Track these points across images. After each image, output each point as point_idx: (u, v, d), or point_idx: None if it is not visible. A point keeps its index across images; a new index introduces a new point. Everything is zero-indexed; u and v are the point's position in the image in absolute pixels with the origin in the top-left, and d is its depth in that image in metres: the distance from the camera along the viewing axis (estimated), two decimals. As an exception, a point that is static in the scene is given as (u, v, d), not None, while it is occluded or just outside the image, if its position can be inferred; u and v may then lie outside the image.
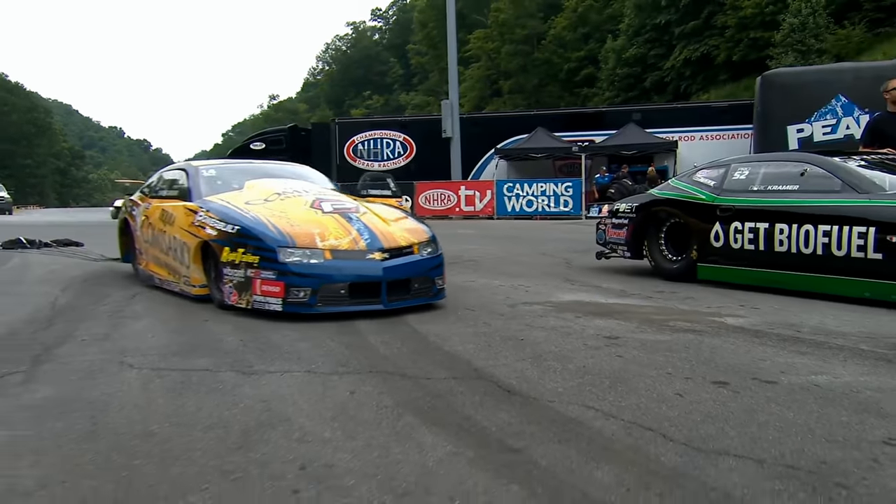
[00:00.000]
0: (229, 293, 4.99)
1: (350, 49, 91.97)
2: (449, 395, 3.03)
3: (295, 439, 2.48)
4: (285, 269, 4.67)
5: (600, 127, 24.03)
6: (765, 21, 31.83)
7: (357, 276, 4.79)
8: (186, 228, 5.64)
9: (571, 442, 2.44)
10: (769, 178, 6.28)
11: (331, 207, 5.46)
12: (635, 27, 41.41)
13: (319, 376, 3.35)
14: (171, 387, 3.18)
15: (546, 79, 50.88)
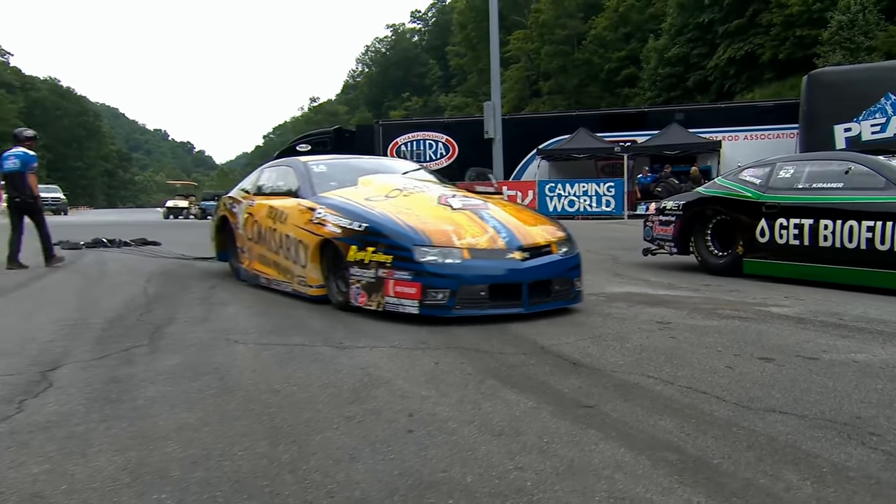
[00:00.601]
0: (357, 294, 4.79)
1: (389, 51, 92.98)
2: (522, 366, 3.46)
3: (398, 396, 2.94)
4: (422, 269, 4.43)
5: (643, 127, 24.13)
6: (812, 18, 31.51)
7: (497, 276, 4.57)
8: (303, 226, 5.46)
9: (636, 401, 2.85)
10: (814, 176, 6.56)
11: (460, 203, 5.26)
12: (678, 26, 41.21)
13: (404, 350, 3.81)
14: (278, 357, 3.68)
15: (586, 79, 50.92)
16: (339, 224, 5.04)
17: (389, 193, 5.52)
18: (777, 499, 1.91)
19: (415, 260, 4.47)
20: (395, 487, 2.01)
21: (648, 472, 2.11)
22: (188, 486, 2.03)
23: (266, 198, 6.51)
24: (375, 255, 4.64)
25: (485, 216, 5.04)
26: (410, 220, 4.79)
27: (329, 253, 5.21)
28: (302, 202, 5.72)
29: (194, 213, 39.39)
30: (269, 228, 6.08)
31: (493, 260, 4.63)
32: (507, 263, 4.63)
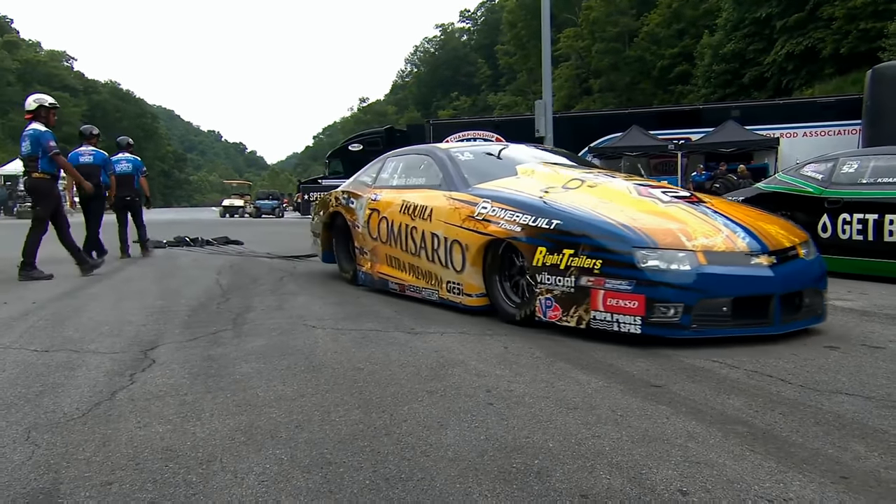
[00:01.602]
0: (547, 306, 4.00)
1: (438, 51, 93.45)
2: (589, 350, 3.61)
3: (474, 374, 3.13)
4: (645, 278, 3.60)
5: (697, 124, 23.82)
6: (877, 11, 30.59)
7: (744, 287, 3.73)
8: (459, 224, 4.73)
9: (703, 382, 2.98)
10: (879, 171, 6.52)
11: (667, 196, 4.44)
12: (734, 22, 40.41)
13: (473, 336, 4.01)
14: (355, 340, 3.91)
15: (638, 76, 50.33)
16: (517, 221, 4.26)
17: (567, 184, 4.77)
18: (845, 466, 2.04)
19: (635, 266, 3.63)
20: (484, 449, 2.20)
21: (720, 441, 2.25)
22: (297, 445, 2.26)
23: (397, 191, 5.78)
24: (576, 260, 3.82)
25: (708, 211, 4.22)
26: (618, 216, 3.97)
27: (493, 256, 4.56)
28: (454, 195, 5.00)
29: (249, 212, 40.44)
30: (406, 226, 5.34)
31: (736, 266, 3.75)
32: (754, 270, 3.76)
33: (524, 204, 4.40)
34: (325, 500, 1.86)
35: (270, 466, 2.08)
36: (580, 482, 1.95)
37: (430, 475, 2.01)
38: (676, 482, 1.94)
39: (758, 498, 1.83)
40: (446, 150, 5.70)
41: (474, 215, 4.65)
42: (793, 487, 1.89)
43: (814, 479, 1.94)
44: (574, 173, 5.05)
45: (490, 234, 4.48)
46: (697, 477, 1.97)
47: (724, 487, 1.90)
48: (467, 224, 4.68)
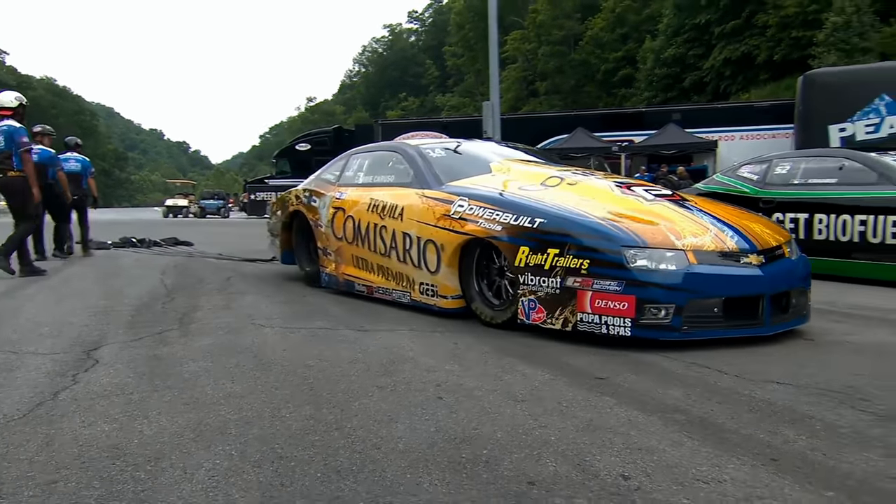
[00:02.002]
0: (530, 308, 3.86)
1: (386, 51, 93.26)
2: (537, 346, 3.69)
3: (424, 370, 3.17)
4: (635, 279, 3.49)
5: (640, 127, 24.39)
6: (807, 20, 31.78)
7: (734, 288, 3.66)
8: (433, 223, 4.55)
9: (645, 374, 3.09)
10: (809, 172, 6.82)
11: (650, 194, 4.37)
12: (674, 27, 41.51)
13: (423, 333, 4.04)
14: (305, 339, 3.90)
15: (583, 79, 51.18)
16: (497, 220, 4.10)
17: (546, 182, 4.60)
18: (776, 449, 2.15)
19: (625, 266, 3.52)
20: (434, 441, 2.24)
21: (660, 429, 2.34)
22: (248, 441, 2.25)
23: (364, 189, 5.53)
24: (562, 259, 3.69)
25: (693, 209, 4.14)
26: (604, 215, 3.85)
27: (471, 256, 4.39)
28: (427, 193, 4.79)
29: (194, 212, 39.63)
30: (374, 226, 5.13)
31: (726, 266, 3.69)
32: (744, 270, 3.69)
33: (504, 202, 4.23)
34: (277, 493, 1.87)
35: (221, 462, 2.08)
36: (527, 470, 2.00)
37: (381, 467, 2.03)
38: (619, 468, 2.01)
39: (695, 480, 1.91)
40: (416, 147, 5.46)
41: (450, 214, 4.46)
42: (727, 470, 1.98)
43: (746, 462, 2.03)
44: (552, 171, 4.92)
45: (468, 234, 4.30)
46: (639, 462, 2.04)
47: (663, 472, 1.98)
48: (442, 223, 4.49)
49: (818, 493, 1.82)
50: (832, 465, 2.02)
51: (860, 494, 1.82)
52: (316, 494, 1.86)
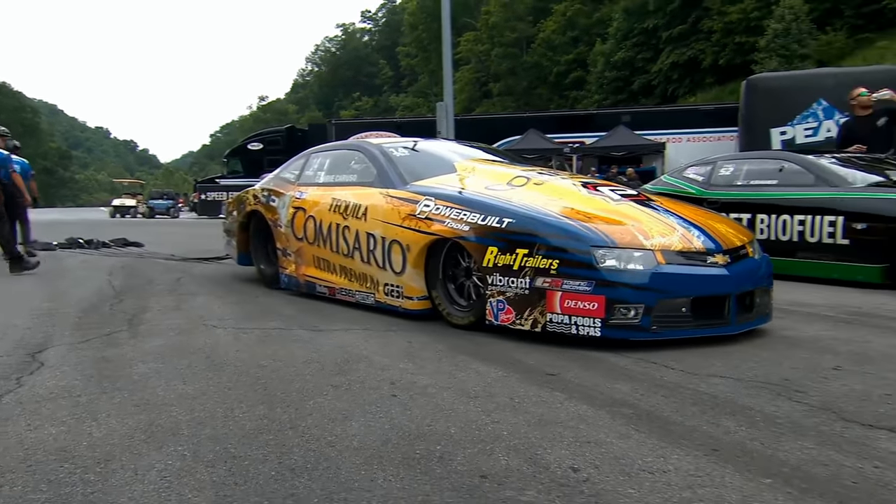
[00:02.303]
0: (499, 309, 3.81)
1: (339, 50, 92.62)
2: (489, 344, 3.74)
3: (378, 368, 3.18)
4: (605, 279, 3.49)
5: (591, 129, 24.79)
6: (750, 26, 32.70)
7: (702, 287, 3.68)
8: (398, 223, 4.47)
9: (594, 369, 3.16)
10: (751, 173, 7.04)
11: (615, 194, 4.35)
12: (624, 31, 42.24)
13: (378, 332, 4.05)
14: (258, 339, 3.88)
15: (536, 81, 51.69)
16: (464, 220, 4.04)
17: (512, 181, 4.54)
18: (717, 439, 2.23)
19: (594, 266, 3.51)
20: (388, 438, 2.26)
21: (608, 422, 2.41)
22: (200, 441, 2.24)
23: (325, 188, 5.45)
24: (531, 260, 3.66)
25: (659, 209, 4.15)
26: (573, 214, 3.85)
27: (437, 256, 4.33)
28: (392, 193, 4.72)
29: (142, 212, 38.73)
30: (337, 226, 5.04)
31: (694, 266, 3.70)
32: (711, 270, 3.71)
33: (471, 201, 4.17)
34: (230, 491, 1.86)
35: (173, 462, 2.06)
36: (480, 464, 2.04)
37: (335, 464, 2.05)
38: (568, 460, 2.06)
39: (640, 471, 1.98)
40: (379, 146, 5.36)
41: (416, 214, 4.38)
42: (671, 460, 2.05)
43: (690, 452, 2.11)
44: (517, 170, 4.86)
45: (435, 234, 4.22)
46: (587, 455, 2.10)
47: (610, 463, 2.04)
48: (408, 223, 4.41)
49: (757, 481, 1.90)
50: (770, 453, 2.11)
51: (794, 480, 1.90)
52: (270, 492, 1.86)
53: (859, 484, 1.87)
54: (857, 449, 2.12)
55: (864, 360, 3.29)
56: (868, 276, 5.84)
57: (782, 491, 1.83)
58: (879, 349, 3.51)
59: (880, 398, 2.66)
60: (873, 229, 5.79)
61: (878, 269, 5.79)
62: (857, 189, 6.11)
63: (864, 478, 1.91)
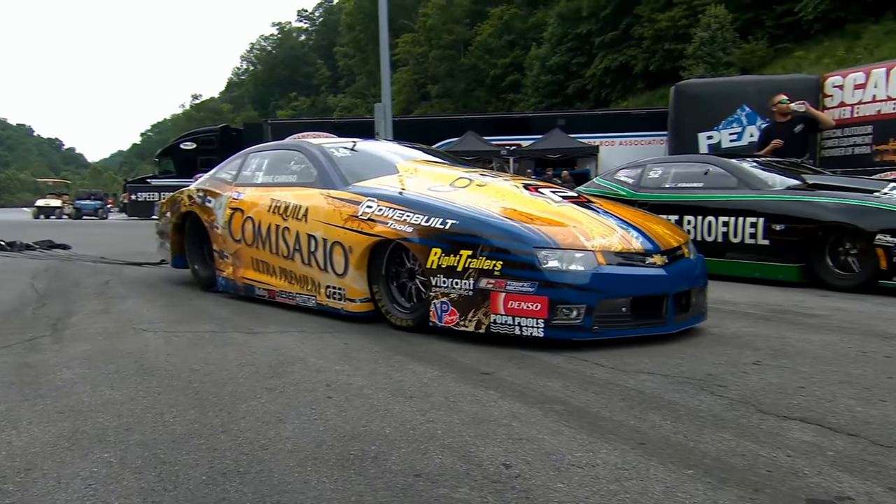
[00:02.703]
0: (443, 311, 3.79)
1: (275, 49, 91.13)
2: (427, 344, 3.75)
3: (314, 370, 3.16)
4: (548, 280, 3.52)
5: (527, 132, 25.12)
6: (678, 34, 33.63)
7: (642, 287, 3.75)
8: (340, 224, 4.38)
9: (528, 368, 3.21)
10: (679, 176, 7.28)
11: (556, 196, 4.37)
12: (558, 36, 42.88)
13: (314, 334, 4.02)
14: (190, 342, 3.79)
15: (473, 84, 52.02)
16: (408, 221, 3.99)
17: (455, 183, 4.53)
18: (643, 434, 2.31)
19: (537, 267, 3.54)
20: (323, 440, 2.25)
21: (540, 419, 2.46)
22: (128, 447, 2.18)
23: (264, 189, 5.31)
24: (475, 261, 3.65)
25: (598, 210, 4.20)
26: (516, 216, 3.86)
27: (380, 258, 4.27)
28: (333, 194, 4.62)
29: (68, 213, 37.25)
30: (276, 227, 4.92)
31: (634, 266, 3.77)
32: (650, 270, 3.78)
33: (414, 203, 4.13)
34: (159, 497, 1.82)
35: (98, 470, 2.00)
36: (414, 463, 2.05)
37: (268, 467, 2.02)
38: (501, 457, 2.09)
39: (570, 466, 2.03)
40: (319, 146, 5.25)
41: (358, 215, 4.30)
42: (600, 454, 2.11)
43: (617, 447, 2.17)
44: (459, 172, 4.83)
45: (377, 235, 4.16)
46: (519, 451, 2.14)
47: (542, 459, 2.08)
48: (350, 224, 4.32)
49: (680, 472, 1.98)
50: (692, 445, 2.19)
51: (714, 470, 1.98)
52: (201, 497, 1.83)
53: (773, 472, 1.97)
54: (772, 439, 2.23)
55: (781, 354, 3.45)
56: (787, 275, 6.11)
57: (703, 481, 1.91)
58: (796, 344, 3.69)
59: (794, 390, 2.80)
60: (791, 230, 6.07)
61: (795, 269, 6.06)
62: (777, 192, 6.39)
63: (778, 466, 2.01)
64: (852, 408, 2.56)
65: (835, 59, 23.60)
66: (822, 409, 2.55)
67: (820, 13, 27.94)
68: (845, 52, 23.77)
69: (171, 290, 5.96)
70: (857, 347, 3.62)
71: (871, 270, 5.57)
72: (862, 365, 3.24)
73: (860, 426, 2.35)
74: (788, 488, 1.86)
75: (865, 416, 2.46)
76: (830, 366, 3.22)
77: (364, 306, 4.36)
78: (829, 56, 24.86)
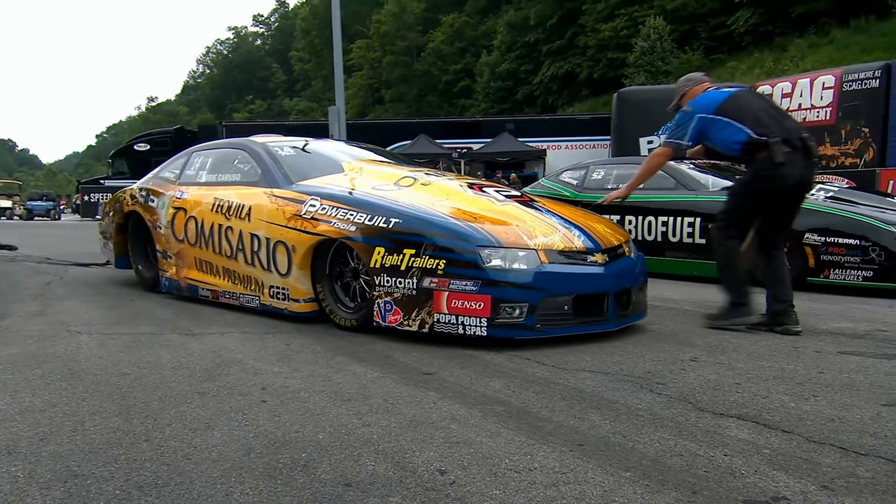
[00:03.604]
0: (386, 310, 3.64)
1: (232, 53, 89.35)
2: (369, 343, 3.59)
3: (251, 373, 2.97)
4: (490, 278, 3.39)
5: (478, 135, 25.11)
6: (620, 43, 34.12)
7: (583, 286, 3.65)
8: (283, 224, 4.18)
9: (469, 367, 3.08)
10: (621, 178, 7.25)
11: (501, 195, 4.25)
12: (507, 44, 43.11)
13: (255, 335, 3.82)
14: (125, 345, 3.55)
15: (426, 89, 51.88)
16: (351, 220, 3.82)
17: (400, 182, 4.36)
18: (583, 434, 2.19)
19: (480, 266, 3.41)
20: (251, 447, 2.07)
21: (479, 421, 2.32)
22: (39, 459, 1.97)
23: (207, 188, 5.05)
24: (418, 260, 3.51)
25: (541, 210, 4.10)
26: (459, 215, 3.72)
27: (323, 257, 4.09)
28: (276, 193, 4.40)
29: (19, 214, 35.76)
30: (219, 226, 4.67)
31: (575, 265, 3.66)
32: (591, 269, 3.69)
33: (358, 202, 3.95)
34: (63, 518, 1.63)
35: (1, 486, 1.79)
36: (345, 471, 1.90)
37: (189, 479, 1.84)
38: (437, 462, 1.96)
39: (507, 470, 1.90)
40: (263, 145, 4.99)
41: (301, 214, 4.09)
42: (538, 458, 1.99)
43: (556, 449, 2.06)
44: (404, 171, 4.64)
45: (321, 235, 3.97)
46: (456, 456, 2.00)
47: (479, 463, 1.95)
48: (293, 223, 4.12)
49: (618, 475, 1.87)
50: (631, 446, 2.09)
51: (653, 472, 1.88)
52: (111, 515, 1.64)
53: (710, 473, 1.87)
54: (709, 438, 2.14)
55: (718, 351, 3.40)
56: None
57: (641, 484, 1.80)
58: (732, 341, 3.65)
59: (731, 387, 2.73)
60: (726, 230, 6.09)
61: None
62: (712, 193, 6.40)
63: (715, 466, 1.92)
64: (786, 403, 2.50)
65: (764, 69, 24.20)
66: (758, 405, 2.48)
67: (750, 26, 28.70)
68: (773, 64, 24.38)
69: (113, 291, 5.65)
70: (790, 343, 3.60)
71: (799, 268, 5.61)
72: (794, 360, 3.21)
73: (794, 422, 2.29)
74: (726, 489, 1.77)
75: (799, 412, 2.40)
76: (765, 361, 3.18)
77: (308, 306, 4.16)
78: (759, 67, 25.50)
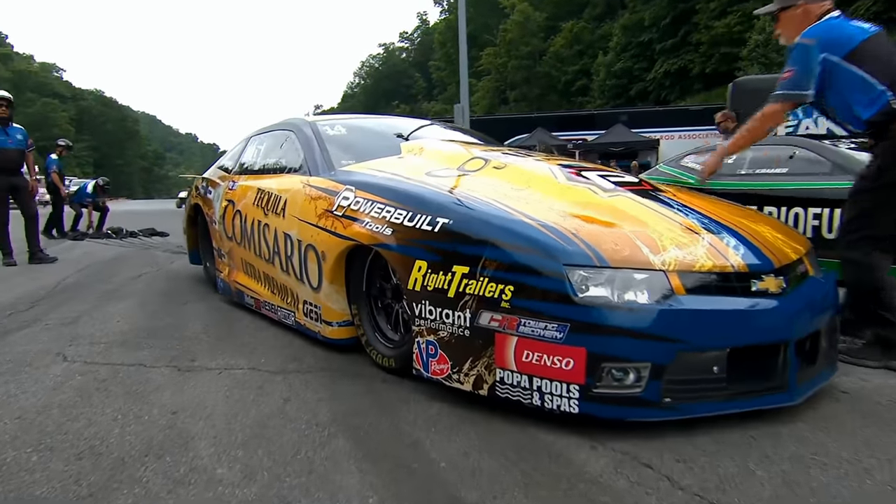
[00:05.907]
0: (428, 354, 2.08)
1: (381, 66, 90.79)
2: (400, 406, 2.09)
3: (187, 469, 1.54)
4: (587, 320, 1.74)
5: (592, 127, 23.02)
6: (733, 38, 30.54)
7: (746, 332, 1.84)
8: (314, 221, 2.69)
9: (547, 488, 1.50)
10: (757, 161, 5.23)
11: (608, 182, 2.42)
12: (622, 44, 40.28)
13: (258, 377, 2.42)
14: (85, 388, 2.26)
15: (547, 89, 49.81)
16: (387, 219, 2.28)
17: (465, 165, 2.69)
18: None
19: (569, 296, 1.76)
20: None
21: None
22: None
23: (255, 177, 3.61)
24: (473, 283, 1.91)
25: (671, 203, 2.27)
26: (541, 213, 2.04)
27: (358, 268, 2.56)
28: (311, 181, 2.90)
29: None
30: (258, 223, 3.26)
31: (732, 296, 1.86)
32: (759, 302, 1.87)
33: (399, 193, 2.36)
34: None
35: None
36: None
37: None
38: None
39: None
40: (313, 123, 3.45)
41: (332, 209, 2.58)
42: None
43: None
44: (476, 151, 2.90)
45: (351, 238, 2.42)
46: None
47: None
48: (323, 222, 2.61)
49: None
50: None
51: None
52: None
53: None
54: None
55: None
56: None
57: None
58: None
59: None
60: None
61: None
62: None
63: None
64: None
65: None
66: None
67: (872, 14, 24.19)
68: None
69: (184, 288, 4.52)
70: None
71: None
72: None
73: None
74: None
75: None
76: None
77: (343, 332, 2.63)
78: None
